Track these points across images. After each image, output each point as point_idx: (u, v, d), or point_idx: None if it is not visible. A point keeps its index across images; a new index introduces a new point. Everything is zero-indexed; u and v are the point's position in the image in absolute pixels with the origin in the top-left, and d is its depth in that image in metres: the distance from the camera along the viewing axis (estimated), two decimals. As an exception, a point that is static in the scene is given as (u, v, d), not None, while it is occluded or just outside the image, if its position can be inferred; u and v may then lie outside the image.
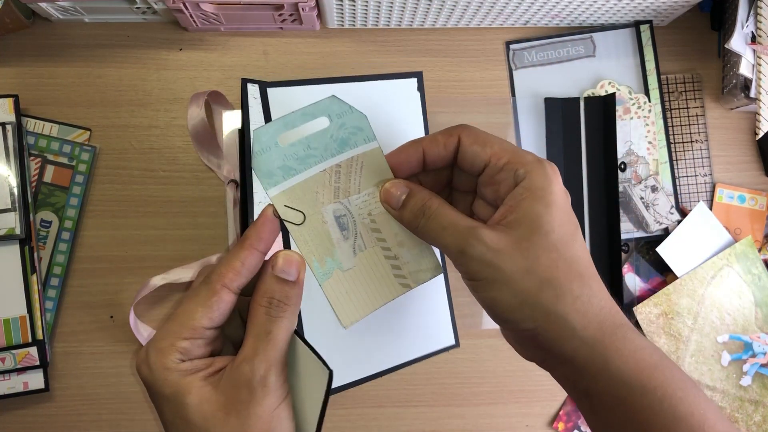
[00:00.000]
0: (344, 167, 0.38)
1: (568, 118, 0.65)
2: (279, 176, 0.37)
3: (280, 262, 0.35)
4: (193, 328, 0.34)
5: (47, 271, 0.60)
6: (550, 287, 0.32)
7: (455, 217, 0.35)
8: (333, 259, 0.38)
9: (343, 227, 0.38)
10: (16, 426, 0.60)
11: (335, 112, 0.37)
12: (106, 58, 0.63)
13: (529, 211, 0.33)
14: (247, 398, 0.33)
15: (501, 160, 0.35)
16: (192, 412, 0.33)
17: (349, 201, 0.38)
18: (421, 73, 0.43)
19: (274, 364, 0.33)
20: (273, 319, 0.34)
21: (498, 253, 0.33)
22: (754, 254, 0.65)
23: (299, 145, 0.37)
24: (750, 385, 0.64)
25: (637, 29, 0.66)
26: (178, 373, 0.33)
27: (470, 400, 0.64)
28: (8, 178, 0.57)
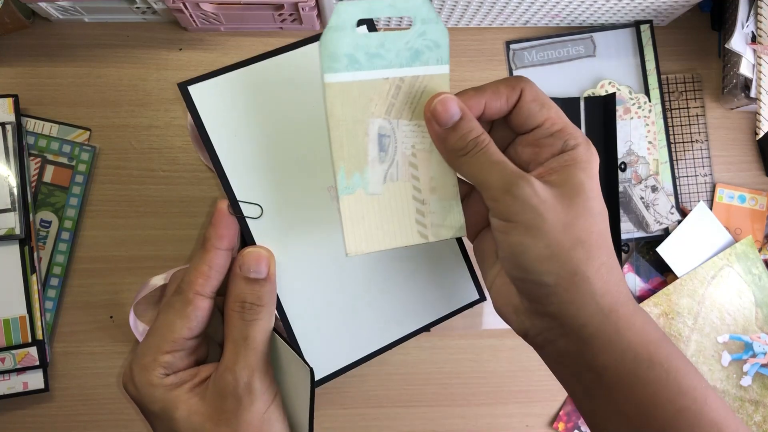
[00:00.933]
0: (407, 84, 0.35)
1: (568, 118, 0.65)
2: (343, 64, 0.34)
3: (247, 261, 0.34)
4: (173, 341, 0.34)
5: (47, 271, 0.60)
6: (583, 247, 0.32)
7: (505, 159, 0.34)
8: (361, 177, 0.35)
9: (382, 148, 0.35)
10: (15, 426, 0.60)
11: (421, 16, 0.34)
12: (106, 58, 0.63)
13: (575, 177, 0.33)
14: (234, 407, 0.32)
15: (555, 126, 0.35)
16: (182, 426, 0.33)
17: (398, 123, 0.35)
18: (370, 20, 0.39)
19: (257, 369, 0.33)
20: (248, 323, 0.33)
21: (544, 201, 0.32)
22: (754, 254, 0.65)
23: (374, 39, 0.34)
24: (750, 386, 0.64)
25: (638, 29, 0.66)
26: (164, 388, 0.33)
27: (470, 400, 0.64)
28: (8, 178, 0.57)
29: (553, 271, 0.32)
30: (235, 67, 0.35)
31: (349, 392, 0.63)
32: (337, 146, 0.34)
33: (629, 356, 0.32)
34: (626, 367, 0.32)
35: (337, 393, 0.63)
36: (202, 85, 0.34)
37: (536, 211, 0.32)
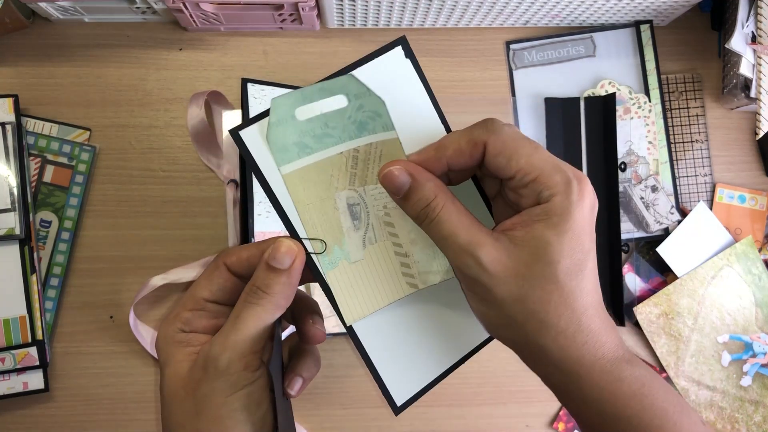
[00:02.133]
0: (362, 153, 0.36)
1: (569, 118, 0.65)
2: (294, 153, 0.35)
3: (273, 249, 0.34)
4: (195, 300, 0.35)
5: (47, 271, 0.60)
6: (535, 319, 0.32)
7: (456, 227, 0.33)
8: (341, 249, 0.36)
9: (355, 216, 0.36)
10: (15, 426, 0.60)
11: (353, 91, 0.35)
12: (106, 58, 0.63)
13: (539, 236, 0.31)
14: (200, 377, 0.32)
15: (527, 177, 0.32)
16: (165, 384, 0.33)
17: (364, 190, 0.36)
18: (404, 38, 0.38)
19: (231, 348, 0.32)
20: (246, 305, 0.33)
21: (493, 277, 0.32)
22: (754, 254, 0.65)
23: (316, 122, 0.35)
24: (750, 386, 0.64)
25: (638, 29, 0.66)
26: (173, 343, 0.34)
27: (470, 400, 0.64)
28: (8, 178, 0.57)
29: (509, 338, 0.34)
30: None
31: (349, 392, 0.63)
32: (310, 227, 0.35)
33: (595, 411, 0.33)
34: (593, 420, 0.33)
35: (337, 393, 0.63)
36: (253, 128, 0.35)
37: (486, 287, 0.32)
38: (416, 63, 0.38)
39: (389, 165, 0.34)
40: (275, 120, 0.34)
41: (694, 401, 0.63)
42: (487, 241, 0.32)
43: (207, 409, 0.32)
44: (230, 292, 0.35)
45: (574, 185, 0.32)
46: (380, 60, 0.37)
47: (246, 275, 0.35)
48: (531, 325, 0.32)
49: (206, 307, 0.35)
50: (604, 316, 0.34)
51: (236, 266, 0.35)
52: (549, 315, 0.32)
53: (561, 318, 0.32)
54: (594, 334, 0.33)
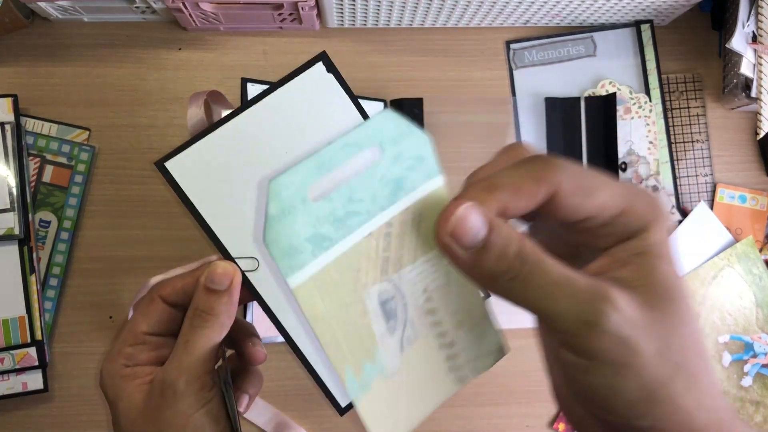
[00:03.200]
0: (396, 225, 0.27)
1: (569, 118, 0.65)
2: (307, 253, 0.26)
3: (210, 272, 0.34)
4: (134, 334, 0.35)
5: (46, 271, 0.60)
6: (681, 376, 0.24)
7: (566, 270, 0.24)
8: (373, 364, 0.28)
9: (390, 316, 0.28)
10: (15, 426, 0.60)
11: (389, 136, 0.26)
12: (106, 57, 0.63)
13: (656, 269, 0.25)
14: (158, 404, 0.33)
15: (611, 211, 0.25)
16: (121, 417, 0.34)
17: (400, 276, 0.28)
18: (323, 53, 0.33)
19: (186, 371, 0.33)
20: (193, 329, 0.34)
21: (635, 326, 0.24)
22: (755, 254, 0.65)
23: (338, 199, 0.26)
24: (751, 386, 0.64)
25: (638, 29, 0.66)
26: (120, 378, 0.35)
27: (471, 400, 0.64)
28: (7, 178, 0.57)
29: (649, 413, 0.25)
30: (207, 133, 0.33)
31: (348, 392, 0.63)
32: (333, 349, 0.27)
33: None
34: None
35: (337, 393, 0.63)
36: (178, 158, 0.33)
37: (628, 344, 0.24)
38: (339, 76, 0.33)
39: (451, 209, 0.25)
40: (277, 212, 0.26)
41: (695, 401, 0.63)
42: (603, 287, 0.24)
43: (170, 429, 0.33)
44: (167, 323, 0.36)
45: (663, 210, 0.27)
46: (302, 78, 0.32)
47: (182, 304, 0.36)
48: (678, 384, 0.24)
49: (146, 340, 0.36)
50: None
51: (172, 297, 0.36)
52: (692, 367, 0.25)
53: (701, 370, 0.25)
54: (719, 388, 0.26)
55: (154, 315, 0.36)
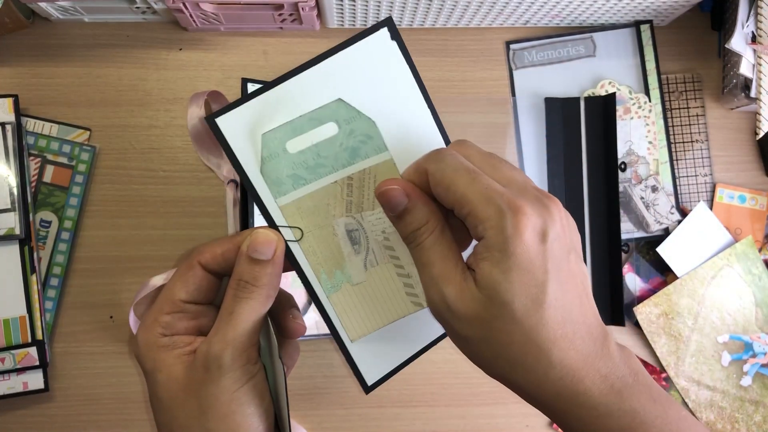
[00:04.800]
0: (356, 180, 0.36)
1: (569, 118, 0.65)
2: (288, 185, 0.35)
3: (252, 241, 0.34)
4: (172, 302, 0.34)
5: (47, 271, 0.60)
6: (502, 359, 0.32)
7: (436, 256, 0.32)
8: (342, 273, 0.37)
9: (354, 242, 0.37)
10: (15, 426, 0.60)
11: (343, 117, 0.35)
12: (106, 57, 0.63)
13: (488, 276, 0.30)
14: (203, 378, 0.32)
15: (463, 210, 0.31)
16: (161, 390, 0.33)
17: (362, 216, 0.36)
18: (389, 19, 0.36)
19: (231, 344, 0.32)
20: (238, 300, 0.33)
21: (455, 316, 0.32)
22: (754, 254, 0.65)
23: (308, 153, 0.35)
24: (750, 386, 0.64)
25: (638, 29, 0.66)
26: (158, 348, 0.33)
27: (470, 400, 0.64)
28: (8, 178, 0.57)
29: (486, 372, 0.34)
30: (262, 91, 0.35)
31: (349, 392, 0.63)
32: (311, 255, 0.36)
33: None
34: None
35: (337, 393, 0.63)
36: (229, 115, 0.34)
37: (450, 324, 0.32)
38: (402, 44, 0.36)
39: (388, 183, 0.33)
40: (267, 154, 0.34)
41: (694, 401, 0.63)
42: (456, 279, 0.32)
43: (214, 408, 0.32)
44: (206, 290, 0.35)
45: (507, 218, 0.30)
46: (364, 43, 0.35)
47: (222, 271, 0.35)
48: (500, 364, 0.32)
49: (185, 308, 0.35)
50: (585, 346, 0.31)
51: (212, 264, 0.35)
52: (515, 354, 0.31)
53: (528, 356, 0.31)
54: (570, 369, 0.31)
55: (193, 282, 0.35)
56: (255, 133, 0.35)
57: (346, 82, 0.35)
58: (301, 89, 0.35)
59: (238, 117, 0.34)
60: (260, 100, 0.34)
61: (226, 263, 0.35)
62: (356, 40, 0.35)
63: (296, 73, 0.34)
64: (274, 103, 0.35)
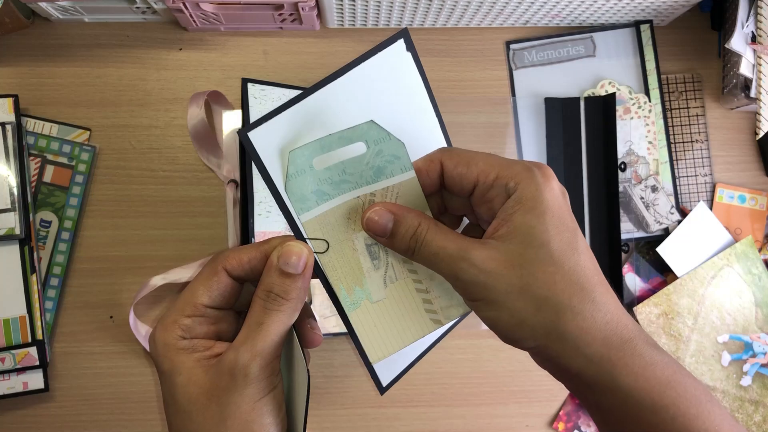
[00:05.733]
0: (378, 196, 0.36)
1: (569, 118, 0.65)
2: (312, 201, 0.36)
3: (286, 253, 0.34)
4: (194, 306, 0.34)
5: (47, 271, 0.60)
6: (547, 305, 0.31)
7: (444, 241, 0.33)
8: (362, 289, 0.37)
9: (374, 257, 0.37)
10: (15, 426, 0.60)
11: (373, 138, 0.35)
12: (106, 57, 0.63)
13: (522, 224, 0.31)
14: (227, 385, 0.32)
15: (489, 176, 0.33)
16: (179, 392, 0.33)
17: None
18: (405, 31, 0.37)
19: (260, 355, 0.33)
20: (268, 312, 0.34)
21: (490, 274, 0.31)
22: (754, 254, 0.65)
23: (334, 170, 0.36)
24: (750, 385, 0.64)
25: (638, 29, 0.66)
26: (177, 350, 0.34)
27: (470, 400, 0.64)
28: (8, 178, 0.57)
29: (528, 336, 0.32)
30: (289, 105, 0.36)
31: (349, 392, 0.63)
32: (331, 270, 0.36)
33: (631, 402, 0.31)
34: (629, 411, 0.31)
35: (337, 393, 0.63)
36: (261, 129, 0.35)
37: (486, 287, 0.31)
38: (416, 56, 0.38)
39: (367, 211, 0.35)
40: (293, 171, 0.35)
41: (694, 401, 0.63)
42: (475, 245, 0.32)
43: (235, 416, 0.32)
44: (229, 296, 0.35)
45: (535, 171, 0.33)
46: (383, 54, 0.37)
47: (246, 278, 0.35)
48: (545, 313, 0.31)
49: (206, 313, 0.35)
50: (615, 296, 0.32)
51: (237, 270, 0.35)
52: (560, 296, 0.31)
53: (573, 298, 0.31)
54: (613, 314, 0.32)
55: (217, 288, 0.35)
56: (284, 149, 0.35)
57: (369, 95, 0.37)
58: (326, 103, 0.36)
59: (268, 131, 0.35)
60: (288, 115, 0.35)
61: (252, 271, 0.35)
62: (376, 52, 0.36)
63: (321, 86, 0.35)
64: (301, 117, 0.35)
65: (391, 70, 0.37)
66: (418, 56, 0.38)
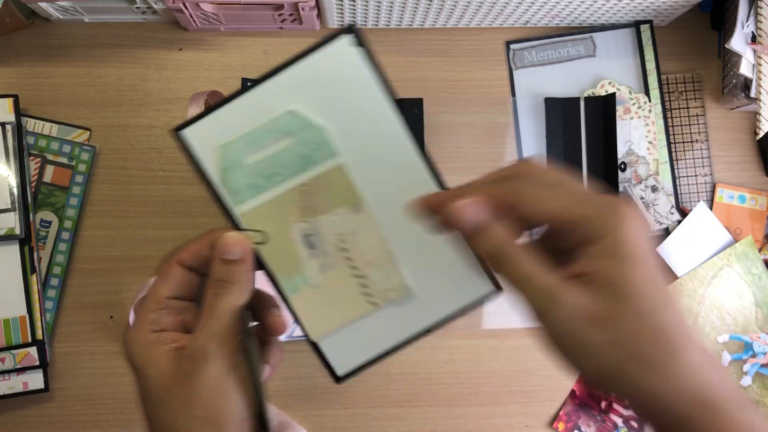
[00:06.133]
0: (310, 186, 0.38)
1: (569, 118, 0.65)
2: (247, 194, 0.38)
3: (221, 244, 0.37)
4: (156, 300, 0.37)
5: (47, 271, 0.60)
6: (636, 361, 0.29)
7: (534, 270, 0.31)
8: (301, 275, 0.39)
9: (311, 246, 0.39)
10: (15, 426, 0.60)
11: (295, 126, 0.37)
12: (106, 57, 0.63)
13: (612, 275, 0.30)
14: (190, 369, 0.35)
15: (569, 216, 0.31)
16: (151, 384, 0.35)
17: (317, 221, 0.39)
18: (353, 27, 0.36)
19: (215, 336, 0.35)
20: (216, 296, 0.36)
21: (582, 322, 0.29)
22: (754, 254, 0.65)
23: (264, 163, 0.37)
24: (750, 385, 0.64)
25: (637, 29, 0.66)
26: (147, 345, 0.36)
27: (470, 400, 0.64)
28: (8, 178, 0.57)
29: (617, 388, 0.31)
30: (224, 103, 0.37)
31: (349, 392, 0.63)
32: (270, 259, 0.38)
33: None
34: None
35: (337, 393, 0.63)
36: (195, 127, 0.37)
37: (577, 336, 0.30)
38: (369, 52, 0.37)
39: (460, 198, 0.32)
40: (226, 165, 0.37)
41: (694, 401, 0.64)
42: (564, 288, 0.30)
43: (201, 395, 0.34)
44: (187, 286, 0.38)
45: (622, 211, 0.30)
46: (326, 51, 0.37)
47: (198, 267, 0.38)
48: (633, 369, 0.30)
49: (169, 304, 0.37)
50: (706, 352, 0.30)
51: (188, 261, 0.38)
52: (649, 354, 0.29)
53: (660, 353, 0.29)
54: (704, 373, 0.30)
55: (173, 279, 0.37)
56: (216, 145, 0.37)
57: (304, 92, 0.37)
58: (260, 101, 0.37)
59: (202, 129, 0.37)
60: (222, 112, 0.37)
61: (201, 259, 0.37)
62: (316, 49, 0.37)
63: (257, 84, 0.37)
64: (234, 115, 0.37)
65: (336, 66, 0.37)
66: (371, 53, 0.37)
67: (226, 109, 0.37)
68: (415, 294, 0.40)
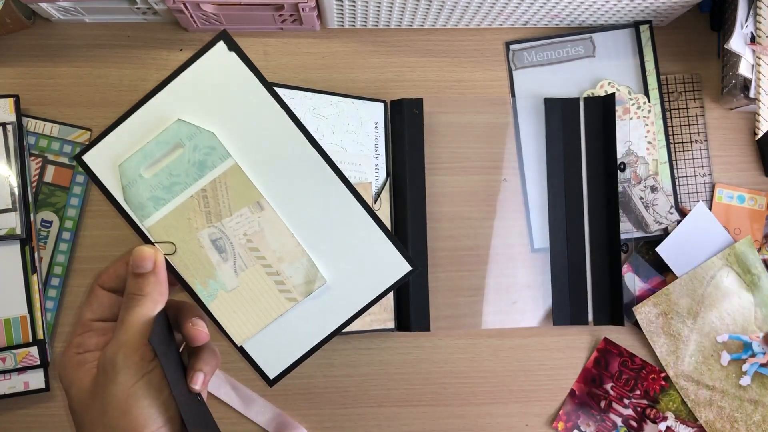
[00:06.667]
0: (210, 190, 0.39)
1: (568, 119, 0.65)
2: (150, 207, 0.39)
3: (133, 258, 0.38)
4: (82, 324, 0.39)
5: (48, 270, 0.60)
6: None
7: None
8: (216, 281, 0.40)
9: (221, 250, 0.40)
10: (16, 425, 0.60)
11: (185, 135, 0.38)
12: (107, 58, 0.63)
13: None
14: (102, 381, 0.36)
15: None
16: (74, 402, 0.37)
17: (222, 224, 0.39)
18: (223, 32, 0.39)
19: (123, 346, 0.36)
20: (126, 309, 0.38)
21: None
22: (753, 254, 0.65)
23: (162, 174, 0.38)
24: (749, 385, 0.64)
25: (637, 29, 0.66)
26: (72, 367, 0.38)
27: (470, 399, 0.64)
28: (9, 178, 0.57)
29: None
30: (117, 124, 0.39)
31: (349, 392, 0.63)
32: (183, 269, 0.39)
33: None
34: None
35: (337, 393, 0.63)
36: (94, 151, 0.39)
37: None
38: (243, 55, 0.39)
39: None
40: (126, 182, 0.38)
41: (694, 401, 0.64)
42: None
43: (114, 404, 0.36)
44: (110, 307, 0.40)
45: None
46: (204, 59, 0.39)
47: (119, 288, 0.40)
48: None
49: (93, 326, 0.39)
50: None
51: (108, 283, 0.40)
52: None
53: None
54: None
55: (95, 301, 0.39)
56: (115, 165, 0.39)
57: (191, 100, 0.39)
58: (152, 115, 0.38)
59: (100, 151, 0.38)
60: (117, 133, 0.38)
61: (120, 279, 0.39)
62: (196, 58, 0.38)
63: (145, 101, 0.38)
64: (130, 132, 0.38)
65: (217, 71, 0.39)
66: (245, 55, 0.39)
67: (121, 128, 0.38)
68: (332, 284, 0.41)
